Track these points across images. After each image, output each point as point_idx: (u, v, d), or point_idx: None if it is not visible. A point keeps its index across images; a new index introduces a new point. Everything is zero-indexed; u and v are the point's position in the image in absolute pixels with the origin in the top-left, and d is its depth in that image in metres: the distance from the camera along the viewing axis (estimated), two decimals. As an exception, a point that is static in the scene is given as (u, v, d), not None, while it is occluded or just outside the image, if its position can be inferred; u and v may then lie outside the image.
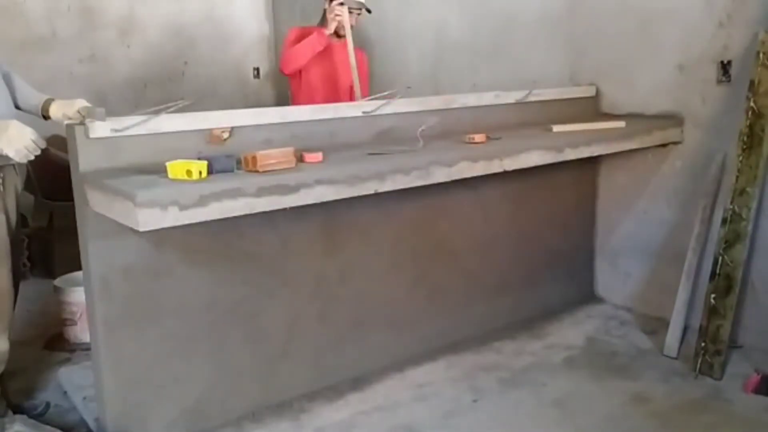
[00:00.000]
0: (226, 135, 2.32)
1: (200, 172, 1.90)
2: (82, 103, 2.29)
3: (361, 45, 4.96)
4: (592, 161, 3.39)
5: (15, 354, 3.12)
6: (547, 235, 3.36)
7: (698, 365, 2.74)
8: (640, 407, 2.52)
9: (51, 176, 4.13)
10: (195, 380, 2.38)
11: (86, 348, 2.90)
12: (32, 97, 2.46)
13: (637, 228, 3.37)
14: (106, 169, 2.08)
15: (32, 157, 2.14)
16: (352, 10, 3.58)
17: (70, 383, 2.73)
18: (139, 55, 5.21)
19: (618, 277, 3.50)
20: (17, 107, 2.43)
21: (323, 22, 3.69)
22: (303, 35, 3.67)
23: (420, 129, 2.58)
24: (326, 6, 3.65)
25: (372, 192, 2.19)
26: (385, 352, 2.84)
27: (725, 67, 2.93)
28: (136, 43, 5.18)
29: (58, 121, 2.36)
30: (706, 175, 3.03)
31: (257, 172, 1.99)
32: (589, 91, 3.44)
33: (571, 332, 3.20)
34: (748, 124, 2.78)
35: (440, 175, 2.35)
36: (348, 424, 2.46)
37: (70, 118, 2.27)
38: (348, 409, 2.55)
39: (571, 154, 2.74)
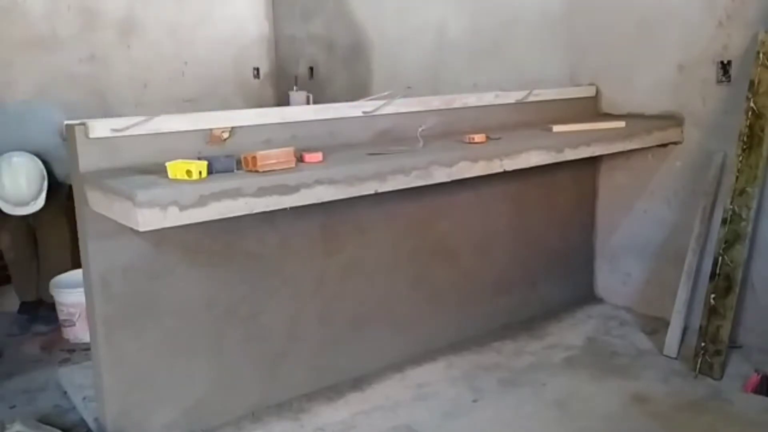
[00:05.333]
0: (226, 135, 2.32)
1: (200, 172, 1.90)
2: None
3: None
4: (592, 161, 3.39)
5: (15, 354, 3.13)
6: (547, 235, 3.36)
7: (698, 365, 2.74)
8: (640, 407, 2.52)
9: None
10: (195, 380, 2.38)
11: (86, 348, 2.90)
12: None
13: (637, 228, 3.37)
14: (106, 169, 2.08)
15: None
16: None
17: (70, 383, 2.73)
18: (139, 55, 5.20)
19: (618, 277, 3.50)
20: None
21: None
22: None
23: (420, 129, 2.58)
24: None
25: (372, 192, 2.19)
26: (385, 352, 2.84)
27: (725, 67, 2.93)
28: (136, 43, 5.18)
29: None
30: (706, 175, 3.03)
31: (257, 172, 1.99)
32: (589, 91, 3.44)
33: (571, 332, 3.20)
34: (748, 124, 2.78)
35: (440, 175, 2.35)
36: (348, 424, 2.46)
37: None
38: (348, 409, 2.55)
39: (570, 154, 2.74)
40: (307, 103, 4.93)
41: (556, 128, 2.87)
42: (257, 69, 5.87)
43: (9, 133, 3.28)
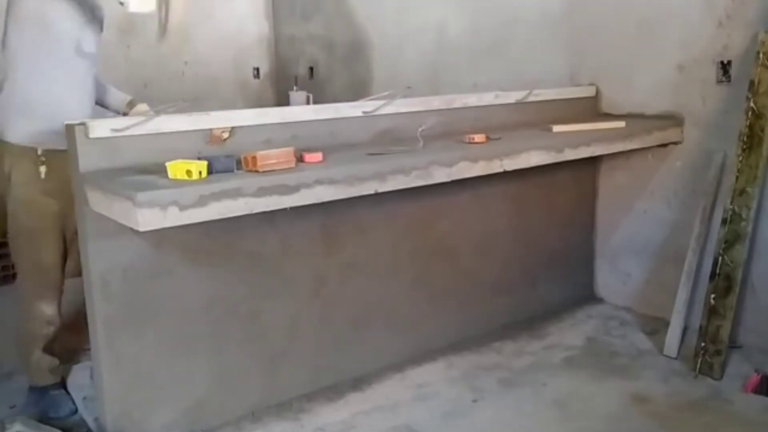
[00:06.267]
0: (226, 135, 2.32)
1: (200, 172, 1.90)
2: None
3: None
4: (592, 161, 3.38)
5: (14, 354, 3.13)
6: (546, 235, 3.36)
7: (698, 365, 2.74)
8: (640, 407, 2.52)
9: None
10: (195, 380, 2.38)
11: (86, 348, 2.90)
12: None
13: (637, 228, 3.37)
14: (106, 169, 2.08)
15: None
16: None
17: (70, 383, 2.73)
18: (139, 55, 5.20)
19: (618, 277, 3.50)
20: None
21: None
22: None
23: (420, 129, 2.58)
24: None
25: (372, 192, 2.19)
26: (385, 352, 2.84)
27: (725, 67, 2.93)
28: (136, 43, 5.18)
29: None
30: (706, 175, 3.03)
31: (257, 172, 1.99)
32: (589, 91, 3.43)
33: (571, 332, 3.20)
34: (748, 124, 2.78)
35: (440, 175, 2.35)
36: (348, 424, 2.46)
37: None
38: (348, 409, 2.55)
39: (570, 154, 2.74)
40: (307, 103, 4.93)
41: (556, 128, 2.87)
42: (257, 69, 5.87)
43: None
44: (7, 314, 3.62)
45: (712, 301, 2.78)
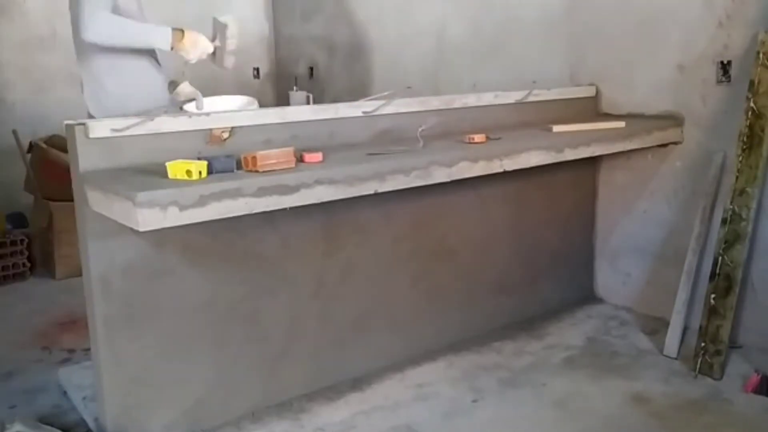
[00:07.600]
0: (226, 135, 2.32)
1: (200, 172, 1.90)
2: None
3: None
4: (592, 161, 3.39)
5: (14, 354, 3.14)
6: (547, 235, 3.36)
7: (698, 365, 2.74)
8: (640, 407, 2.52)
9: (51, 176, 4.14)
10: (195, 380, 2.38)
11: (86, 348, 2.90)
12: None
13: (637, 228, 3.37)
14: (106, 169, 2.08)
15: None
16: None
17: (70, 383, 2.73)
18: (139, 55, 5.19)
19: (618, 277, 3.50)
20: None
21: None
22: None
23: (420, 129, 2.58)
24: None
25: (372, 192, 2.19)
26: (385, 352, 2.84)
27: (725, 67, 2.93)
28: (136, 43, 5.17)
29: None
30: (706, 175, 3.03)
31: (257, 172, 1.99)
32: (589, 91, 3.44)
33: (571, 332, 3.20)
34: (747, 124, 2.78)
35: (440, 175, 2.35)
36: (348, 424, 2.46)
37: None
38: (348, 409, 2.55)
39: (570, 155, 2.74)
40: (307, 103, 4.93)
41: (556, 128, 2.87)
42: (257, 69, 5.87)
43: None
44: (7, 313, 3.64)
45: (712, 301, 2.78)
